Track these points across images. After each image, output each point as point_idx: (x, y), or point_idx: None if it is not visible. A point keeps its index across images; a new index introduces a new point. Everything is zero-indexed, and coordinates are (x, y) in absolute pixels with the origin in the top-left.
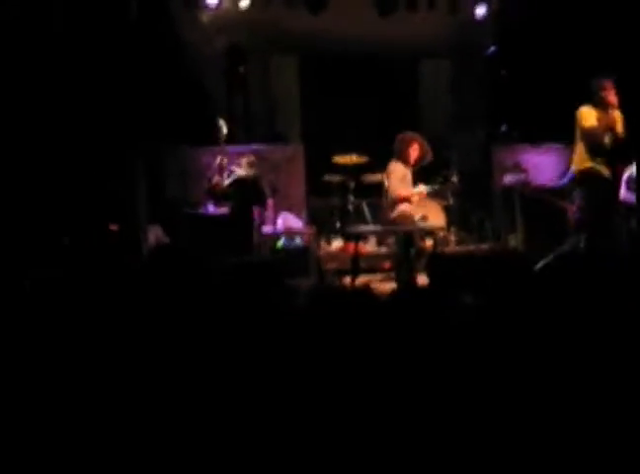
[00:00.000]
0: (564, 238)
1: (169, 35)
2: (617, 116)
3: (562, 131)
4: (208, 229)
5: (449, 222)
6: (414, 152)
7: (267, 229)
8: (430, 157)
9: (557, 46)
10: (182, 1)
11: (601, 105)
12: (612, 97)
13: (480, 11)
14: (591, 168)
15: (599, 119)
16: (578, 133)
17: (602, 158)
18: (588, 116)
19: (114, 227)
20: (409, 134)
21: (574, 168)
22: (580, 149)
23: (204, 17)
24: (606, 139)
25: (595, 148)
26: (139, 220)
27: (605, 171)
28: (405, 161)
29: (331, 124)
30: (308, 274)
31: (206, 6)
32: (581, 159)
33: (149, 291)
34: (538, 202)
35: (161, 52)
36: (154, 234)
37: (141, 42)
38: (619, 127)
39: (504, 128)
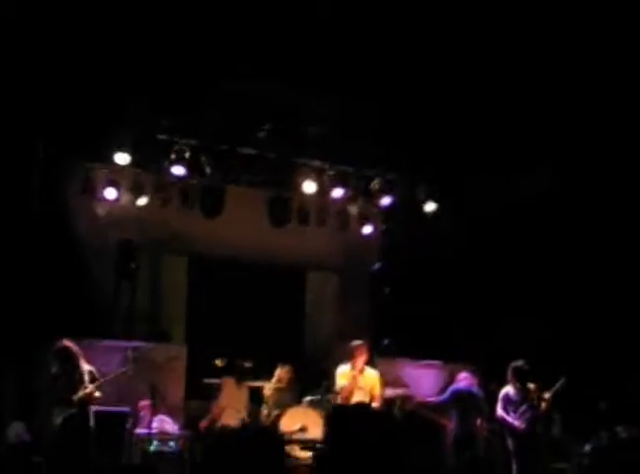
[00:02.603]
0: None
1: (62, 221)
2: (369, 375)
3: (441, 349)
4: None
5: None
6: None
7: (140, 431)
8: None
9: (437, 266)
10: (80, 190)
11: (353, 364)
12: (358, 356)
13: (367, 230)
14: None
15: (348, 381)
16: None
17: None
18: (339, 377)
19: None
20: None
21: None
22: None
23: (99, 209)
24: (357, 395)
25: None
26: (2, 416)
27: None
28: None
29: (216, 327)
30: None
31: (104, 199)
32: None
33: None
34: (418, 417)
35: (52, 239)
36: (15, 431)
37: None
38: (368, 385)
39: (386, 342)
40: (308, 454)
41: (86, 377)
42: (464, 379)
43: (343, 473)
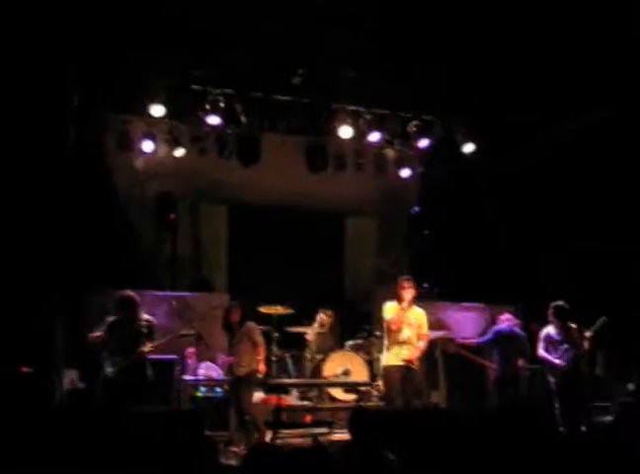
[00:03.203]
0: (485, 395)
1: (101, 175)
2: (415, 312)
3: (481, 290)
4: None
5: (372, 377)
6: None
7: (187, 377)
8: None
9: (477, 207)
10: (117, 144)
11: (399, 301)
12: (404, 293)
13: (404, 173)
14: (388, 366)
15: (394, 314)
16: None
17: (403, 347)
18: (386, 310)
19: (25, 369)
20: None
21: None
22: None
23: (138, 162)
24: (405, 332)
25: (393, 339)
26: (56, 364)
27: (405, 358)
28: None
29: (257, 274)
30: (228, 424)
31: (142, 152)
32: (384, 351)
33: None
34: (460, 359)
35: (92, 192)
36: (69, 378)
37: (74, 181)
38: (416, 322)
39: (426, 285)
40: (351, 397)
41: (144, 329)
42: (506, 320)
43: None
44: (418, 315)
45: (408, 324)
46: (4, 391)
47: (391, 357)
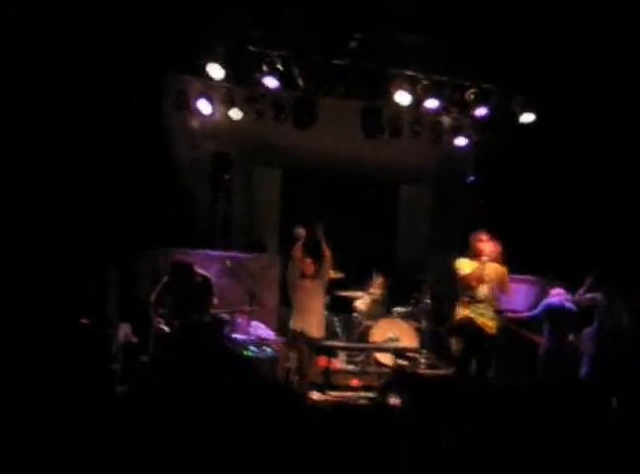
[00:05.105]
0: (534, 367)
1: (158, 134)
2: (494, 266)
3: (535, 263)
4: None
5: (421, 344)
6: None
7: (237, 336)
8: None
9: (533, 178)
10: (174, 103)
11: (476, 255)
12: (483, 246)
13: (461, 141)
14: (465, 317)
15: (473, 269)
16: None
17: (479, 305)
18: (461, 265)
19: (84, 321)
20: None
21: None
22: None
23: (194, 122)
24: (483, 288)
25: (470, 296)
26: (110, 317)
27: (482, 319)
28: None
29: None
30: None
31: (198, 112)
32: (459, 308)
33: None
34: (508, 332)
35: (150, 151)
36: (123, 332)
37: (133, 140)
38: (497, 277)
39: None
40: (400, 362)
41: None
42: (557, 295)
43: None
44: (496, 269)
45: (487, 281)
46: (67, 343)
47: (468, 312)
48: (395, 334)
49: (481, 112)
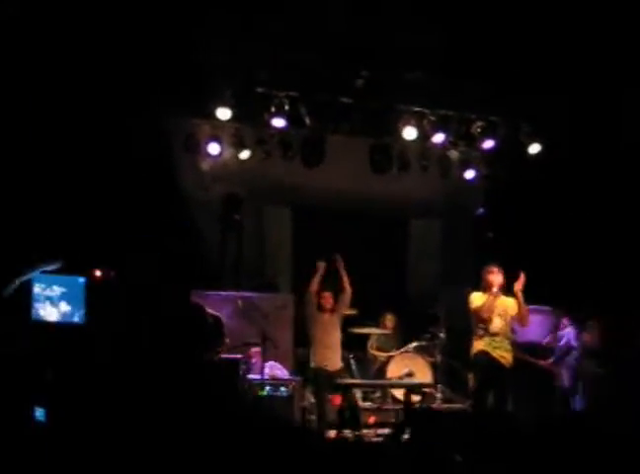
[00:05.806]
0: (549, 399)
1: (167, 177)
2: (506, 300)
3: (546, 294)
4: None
5: (436, 379)
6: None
7: (252, 376)
8: None
9: (543, 210)
10: (183, 146)
11: (487, 288)
12: (493, 278)
13: (469, 175)
14: (480, 351)
15: (483, 302)
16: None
17: (495, 338)
18: (473, 299)
19: None
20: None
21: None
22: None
23: (204, 164)
24: (497, 321)
25: (483, 329)
26: None
27: (498, 352)
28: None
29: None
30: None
31: (208, 154)
32: (474, 342)
33: None
34: (523, 363)
35: (159, 193)
36: None
37: (141, 183)
38: (511, 310)
39: None
40: (415, 398)
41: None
42: (568, 325)
43: None
44: (509, 303)
45: (498, 314)
46: None
47: (483, 345)
48: (411, 369)
49: (488, 144)
